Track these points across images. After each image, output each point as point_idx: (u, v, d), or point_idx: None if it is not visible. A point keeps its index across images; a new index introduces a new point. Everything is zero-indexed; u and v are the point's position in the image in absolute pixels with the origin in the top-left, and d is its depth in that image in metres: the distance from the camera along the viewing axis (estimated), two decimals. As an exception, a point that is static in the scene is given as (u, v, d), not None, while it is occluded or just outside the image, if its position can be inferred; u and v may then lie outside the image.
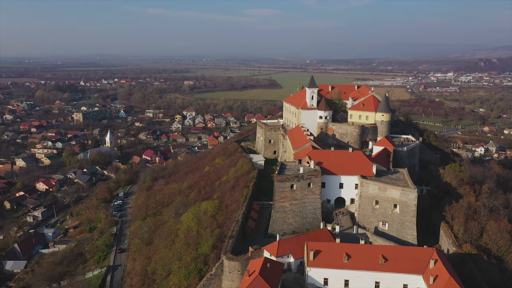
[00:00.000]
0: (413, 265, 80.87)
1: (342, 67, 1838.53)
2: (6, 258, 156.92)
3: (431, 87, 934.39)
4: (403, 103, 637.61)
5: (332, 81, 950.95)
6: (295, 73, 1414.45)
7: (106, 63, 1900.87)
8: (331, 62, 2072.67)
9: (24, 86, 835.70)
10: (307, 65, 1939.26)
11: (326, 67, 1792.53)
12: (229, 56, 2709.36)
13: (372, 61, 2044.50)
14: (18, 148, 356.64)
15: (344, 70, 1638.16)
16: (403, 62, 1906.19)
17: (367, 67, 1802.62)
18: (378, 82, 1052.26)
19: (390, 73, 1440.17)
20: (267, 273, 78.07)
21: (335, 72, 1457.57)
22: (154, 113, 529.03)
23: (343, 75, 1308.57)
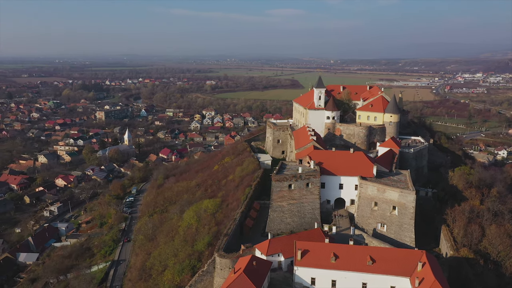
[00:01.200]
0: (401, 267, 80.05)
1: (367, 67, 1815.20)
2: (19, 250, 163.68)
3: (457, 88, 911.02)
4: (426, 104, 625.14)
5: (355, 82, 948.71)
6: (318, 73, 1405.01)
7: (132, 63, 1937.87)
8: (355, 62, 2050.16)
9: (52, 85, 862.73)
10: (331, 65, 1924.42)
11: (350, 67, 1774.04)
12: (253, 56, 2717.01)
13: (397, 61, 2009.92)
14: (41, 145, 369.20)
15: (369, 70, 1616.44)
16: (430, 62, 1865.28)
17: (393, 67, 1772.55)
18: (403, 83, 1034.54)
19: (416, 74, 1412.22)
20: (252, 271, 78.89)
21: (359, 73, 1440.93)
22: (174, 112, 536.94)
23: (366, 75, 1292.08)
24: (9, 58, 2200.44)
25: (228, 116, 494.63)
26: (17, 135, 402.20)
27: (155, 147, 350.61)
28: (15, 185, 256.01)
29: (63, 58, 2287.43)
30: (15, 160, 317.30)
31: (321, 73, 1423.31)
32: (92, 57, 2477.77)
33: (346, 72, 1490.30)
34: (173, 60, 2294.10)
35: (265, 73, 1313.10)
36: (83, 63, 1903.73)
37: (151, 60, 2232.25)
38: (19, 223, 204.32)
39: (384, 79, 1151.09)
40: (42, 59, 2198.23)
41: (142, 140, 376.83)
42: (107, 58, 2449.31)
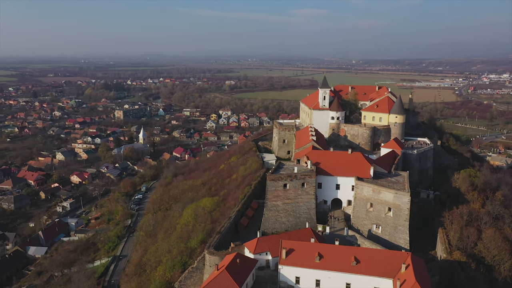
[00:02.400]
0: (384, 269, 79.59)
1: (389, 67, 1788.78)
2: (30, 244, 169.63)
3: (481, 89, 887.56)
4: (447, 105, 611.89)
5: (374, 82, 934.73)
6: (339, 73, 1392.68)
7: (154, 63, 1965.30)
8: (378, 63, 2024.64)
9: (76, 85, 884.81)
10: (352, 65, 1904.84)
11: (372, 67, 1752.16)
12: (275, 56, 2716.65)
13: (421, 62, 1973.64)
14: (61, 143, 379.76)
15: (391, 70, 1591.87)
16: (455, 62, 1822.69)
17: (416, 67, 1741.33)
18: (425, 83, 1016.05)
19: (440, 74, 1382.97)
20: (235, 269, 79.88)
21: (380, 73, 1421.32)
22: (191, 112, 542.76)
23: (388, 75, 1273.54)
24: (37, 58, 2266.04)
25: (244, 116, 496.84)
26: (38, 133, 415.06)
27: (169, 146, 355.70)
28: (32, 181, 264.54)
29: (88, 58, 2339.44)
30: (35, 157, 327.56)
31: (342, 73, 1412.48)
32: (116, 57, 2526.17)
33: (367, 72, 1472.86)
34: (194, 60, 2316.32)
35: (285, 73, 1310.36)
36: (107, 63, 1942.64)
37: (173, 60, 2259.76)
38: (33, 217, 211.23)
39: (406, 80, 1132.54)
40: (68, 59, 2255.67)
41: (158, 139, 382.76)
42: (130, 58, 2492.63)
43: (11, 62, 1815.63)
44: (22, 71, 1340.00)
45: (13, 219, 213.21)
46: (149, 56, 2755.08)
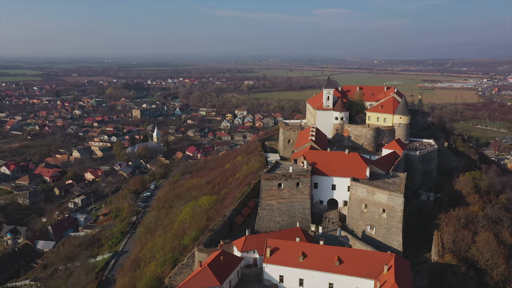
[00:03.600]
0: (367, 269, 79.31)
1: (412, 67, 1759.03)
2: (39, 238, 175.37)
3: (506, 90, 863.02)
4: (468, 107, 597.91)
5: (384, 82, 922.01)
6: (359, 74, 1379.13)
7: (176, 63, 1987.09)
8: (400, 63, 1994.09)
9: (97, 84, 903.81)
10: (374, 65, 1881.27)
11: (394, 67, 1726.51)
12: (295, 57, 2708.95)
13: (445, 62, 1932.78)
14: (78, 141, 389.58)
15: (413, 71, 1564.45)
16: (480, 62, 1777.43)
17: (439, 68, 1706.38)
18: (447, 84, 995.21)
19: (464, 75, 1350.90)
20: (218, 266, 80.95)
21: (402, 73, 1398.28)
22: (207, 112, 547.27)
23: (410, 76, 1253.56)
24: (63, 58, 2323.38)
25: (259, 116, 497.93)
26: (58, 131, 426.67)
27: (183, 145, 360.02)
28: (48, 177, 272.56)
29: (112, 58, 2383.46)
30: (52, 154, 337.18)
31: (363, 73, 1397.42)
32: (138, 57, 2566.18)
33: (388, 72, 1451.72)
34: (215, 60, 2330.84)
35: (305, 73, 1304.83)
36: (129, 63, 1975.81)
37: (194, 60, 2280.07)
38: (45, 213, 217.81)
39: (427, 80, 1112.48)
40: (93, 59, 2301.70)
41: (172, 138, 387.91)
42: (152, 58, 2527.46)
43: (38, 62, 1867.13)
44: (48, 70, 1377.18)
45: (27, 214, 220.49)
46: (170, 56, 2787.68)
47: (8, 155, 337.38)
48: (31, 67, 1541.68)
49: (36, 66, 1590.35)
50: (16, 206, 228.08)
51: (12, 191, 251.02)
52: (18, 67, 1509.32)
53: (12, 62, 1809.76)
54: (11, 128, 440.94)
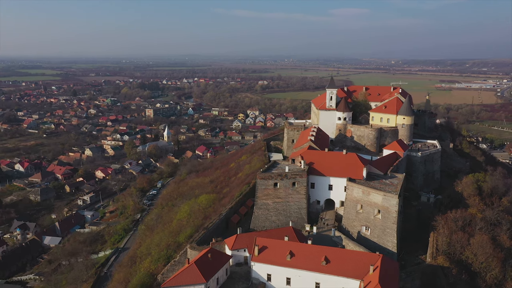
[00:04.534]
0: (353, 270, 79.08)
1: (430, 68, 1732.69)
2: (46, 234, 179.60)
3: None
4: (485, 108, 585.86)
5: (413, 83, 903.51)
6: (375, 74, 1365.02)
7: (192, 63, 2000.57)
8: (419, 63, 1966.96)
9: (114, 84, 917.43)
10: (391, 66, 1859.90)
11: (411, 68, 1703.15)
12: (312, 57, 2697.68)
13: (465, 62, 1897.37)
14: (92, 139, 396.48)
15: (431, 71, 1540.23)
16: (502, 63, 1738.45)
17: (459, 68, 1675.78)
18: (465, 85, 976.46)
19: (483, 75, 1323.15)
20: (205, 263, 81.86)
21: (419, 74, 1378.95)
22: (219, 111, 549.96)
23: (427, 76, 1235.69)
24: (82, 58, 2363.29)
25: (271, 116, 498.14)
26: (72, 129, 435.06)
27: (193, 144, 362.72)
28: (60, 175, 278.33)
29: (130, 59, 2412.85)
30: (66, 152, 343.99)
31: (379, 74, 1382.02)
32: (156, 57, 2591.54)
33: (405, 73, 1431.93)
34: (231, 60, 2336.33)
35: (320, 73, 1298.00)
36: (146, 63, 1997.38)
37: (211, 60, 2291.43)
38: (55, 209, 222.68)
39: (445, 81, 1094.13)
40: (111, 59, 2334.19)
41: (183, 137, 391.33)
42: (169, 58, 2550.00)
43: (59, 62, 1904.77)
44: (67, 70, 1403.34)
45: (38, 210, 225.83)
46: (187, 57, 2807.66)
47: (23, 152, 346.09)
48: (51, 67, 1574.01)
49: (56, 66, 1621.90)
50: (27, 202, 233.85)
51: (24, 188, 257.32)
52: (38, 67, 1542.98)
53: (34, 63, 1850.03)
54: (28, 126, 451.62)
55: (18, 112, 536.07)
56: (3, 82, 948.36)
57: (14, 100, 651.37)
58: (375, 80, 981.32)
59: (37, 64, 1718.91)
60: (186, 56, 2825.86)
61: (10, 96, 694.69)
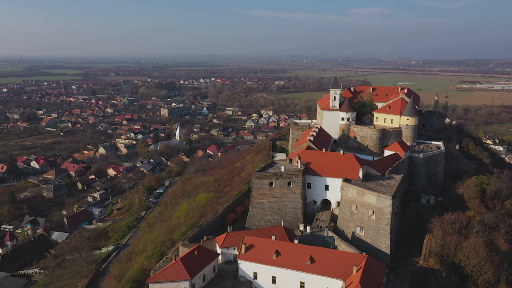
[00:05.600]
0: (338, 270, 78.89)
1: (451, 68, 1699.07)
2: (54, 229, 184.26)
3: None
4: (505, 109, 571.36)
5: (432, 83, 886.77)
6: (394, 74, 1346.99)
7: (211, 63, 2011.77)
8: (440, 63, 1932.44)
9: (132, 84, 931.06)
10: (411, 66, 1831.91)
11: (432, 68, 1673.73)
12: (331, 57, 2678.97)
13: (488, 62, 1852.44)
14: (106, 138, 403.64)
15: (452, 71, 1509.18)
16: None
17: (481, 68, 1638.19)
18: (487, 85, 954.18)
19: (507, 76, 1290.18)
20: (191, 260, 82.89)
21: (440, 74, 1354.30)
22: (233, 111, 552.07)
23: (447, 77, 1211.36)
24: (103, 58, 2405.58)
25: (284, 116, 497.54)
26: (88, 128, 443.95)
27: (205, 144, 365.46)
28: (73, 172, 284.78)
29: (149, 59, 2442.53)
30: (80, 150, 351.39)
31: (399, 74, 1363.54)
32: (175, 58, 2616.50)
33: (425, 73, 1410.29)
34: (250, 60, 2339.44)
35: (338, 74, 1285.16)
36: (165, 63, 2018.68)
37: (229, 60, 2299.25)
38: (67, 205, 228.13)
39: (466, 81, 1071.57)
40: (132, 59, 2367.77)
41: (195, 136, 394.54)
42: (188, 58, 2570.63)
43: (80, 62, 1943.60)
44: (88, 70, 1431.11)
45: (50, 207, 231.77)
46: (206, 57, 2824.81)
47: (40, 150, 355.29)
48: (73, 67, 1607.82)
49: (78, 66, 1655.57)
50: (40, 198, 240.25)
51: (39, 185, 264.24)
52: (61, 67, 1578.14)
53: (57, 63, 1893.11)
54: (46, 125, 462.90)
55: (38, 111, 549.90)
56: (26, 81, 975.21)
57: (35, 99, 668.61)
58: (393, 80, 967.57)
59: (59, 64, 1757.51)
60: (205, 57, 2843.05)
61: (32, 95, 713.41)
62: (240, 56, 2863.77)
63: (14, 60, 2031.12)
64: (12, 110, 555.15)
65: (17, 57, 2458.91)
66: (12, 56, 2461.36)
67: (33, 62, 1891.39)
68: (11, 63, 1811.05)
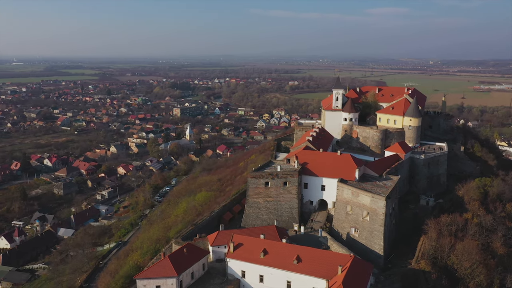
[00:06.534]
0: (324, 270, 78.84)
1: (470, 68, 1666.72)
2: (61, 226, 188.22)
3: None
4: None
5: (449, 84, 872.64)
6: (411, 75, 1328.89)
7: (226, 63, 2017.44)
8: (459, 63, 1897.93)
9: (147, 83, 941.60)
10: (429, 66, 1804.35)
11: (450, 68, 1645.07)
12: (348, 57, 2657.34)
13: (509, 62, 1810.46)
14: (119, 137, 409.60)
15: (471, 72, 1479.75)
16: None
17: (502, 69, 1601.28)
18: (506, 86, 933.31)
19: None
20: (179, 257, 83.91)
21: (458, 74, 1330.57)
22: (245, 111, 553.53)
23: (465, 77, 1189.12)
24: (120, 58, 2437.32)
25: (296, 116, 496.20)
26: (102, 127, 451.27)
27: (215, 143, 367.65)
28: (84, 170, 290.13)
29: (166, 59, 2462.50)
30: (93, 149, 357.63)
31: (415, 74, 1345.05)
32: (191, 58, 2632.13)
33: (443, 74, 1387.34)
34: (265, 60, 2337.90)
35: (354, 74, 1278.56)
36: (182, 63, 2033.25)
37: (245, 61, 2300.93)
38: (76, 203, 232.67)
39: (484, 82, 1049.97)
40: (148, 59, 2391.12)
41: (206, 136, 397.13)
42: (204, 58, 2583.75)
43: (98, 62, 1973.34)
44: (105, 70, 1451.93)
45: (60, 204, 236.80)
46: (222, 57, 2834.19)
47: (54, 148, 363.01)
48: (90, 67, 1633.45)
49: (95, 66, 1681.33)
50: (51, 195, 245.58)
51: (50, 182, 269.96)
52: (79, 67, 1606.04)
53: (76, 63, 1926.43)
54: (62, 123, 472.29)
55: (54, 110, 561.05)
56: (45, 81, 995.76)
57: (52, 99, 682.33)
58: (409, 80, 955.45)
59: (78, 64, 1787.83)
60: (221, 57, 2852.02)
61: (49, 95, 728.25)
62: (256, 57, 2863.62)
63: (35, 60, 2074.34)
64: (30, 109, 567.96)
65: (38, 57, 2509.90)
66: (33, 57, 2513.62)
67: (53, 62, 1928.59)
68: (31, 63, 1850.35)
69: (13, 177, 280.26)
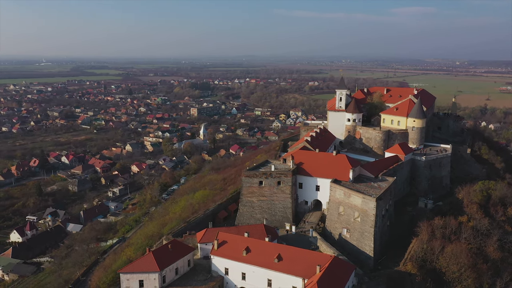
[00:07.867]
0: (303, 269, 79.10)
1: (498, 69, 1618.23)
2: (70, 221, 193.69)
3: None
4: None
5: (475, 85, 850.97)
6: (435, 75, 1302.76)
7: (248, 64, 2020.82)
8: (487, 64, 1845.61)
9: (168, 83, 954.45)
10: (454, 67, 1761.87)
11: (477, 69, 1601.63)
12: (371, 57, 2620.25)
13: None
14: (136, 136, 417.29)
15: (499, 73, 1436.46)
16: None
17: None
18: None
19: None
20: (164, 253, 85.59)
21: (484, 75, 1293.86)
22: (262, 111, 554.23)
23: (492, 78, 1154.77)
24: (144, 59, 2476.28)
25: (312, 116, 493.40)
26: (120, 126, 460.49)
27: (229, 143, 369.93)
28: (99, 168, 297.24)
29: (189, 59, 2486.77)
30: (109, 147, 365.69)
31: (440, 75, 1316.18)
32: (214, 58, 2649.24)
33: (469, 74, 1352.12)
34: (288, 61, 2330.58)
35: (376, 74, 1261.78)
36: (204, 63, 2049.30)
37: (267, 61, 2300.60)
38: (88, 199, 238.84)
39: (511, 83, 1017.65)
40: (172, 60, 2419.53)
41: (220, 136, 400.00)
42: (226, 59, 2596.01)
43: (123, 63, 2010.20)
44: (129, 70, 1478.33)
45: (73, 200, 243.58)
46: (245, 57, 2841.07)
47: (72, 146, 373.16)
48: (115, 67, 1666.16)
49: (120, 66, 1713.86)
50: (65, 192, 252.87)
51: (66, 179, 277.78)
52: (104, 67, 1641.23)
53: (101, 63, 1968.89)
54: (82, 122, 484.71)
55: (76, 109, 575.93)
56: (70, 81, 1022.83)
57: (76, 98, 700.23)
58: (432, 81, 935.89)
59: (104, 65, 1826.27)
60: (244, 57, 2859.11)
61: (73, 94, 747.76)
62: (278, 57, 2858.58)
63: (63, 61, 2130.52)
64: (53, 108, 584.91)
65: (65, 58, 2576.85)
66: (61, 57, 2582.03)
67: (80, 62, 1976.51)
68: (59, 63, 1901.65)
69: (32, 174, 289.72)
